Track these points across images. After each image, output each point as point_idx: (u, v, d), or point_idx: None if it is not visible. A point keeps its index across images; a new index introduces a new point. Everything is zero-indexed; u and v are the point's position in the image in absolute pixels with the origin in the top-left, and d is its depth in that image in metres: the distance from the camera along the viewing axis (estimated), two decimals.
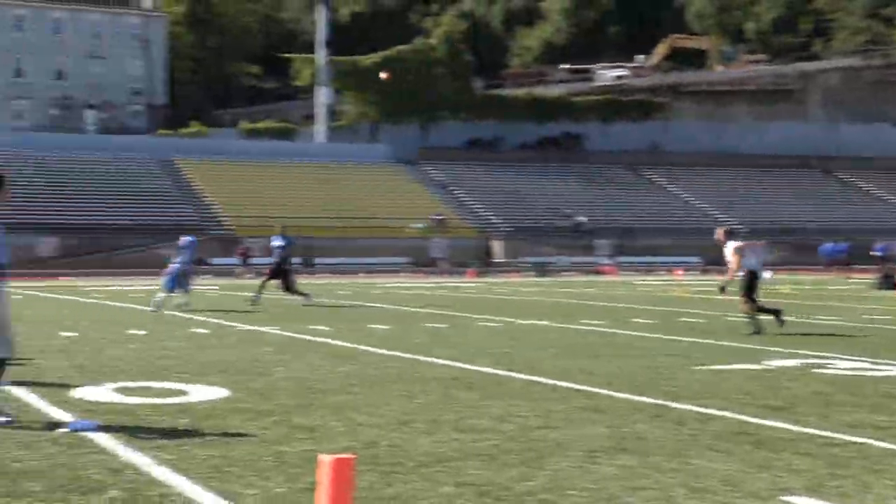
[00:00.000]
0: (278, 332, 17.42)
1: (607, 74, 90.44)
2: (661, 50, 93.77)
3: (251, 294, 25.35)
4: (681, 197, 72.25)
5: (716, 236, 18.25)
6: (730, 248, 17.57)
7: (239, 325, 18.86)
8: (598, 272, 54.78)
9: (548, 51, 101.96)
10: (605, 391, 10.58)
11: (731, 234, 18.10)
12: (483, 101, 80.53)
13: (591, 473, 6.90)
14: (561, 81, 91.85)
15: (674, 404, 9.76)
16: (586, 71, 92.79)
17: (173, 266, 23.69)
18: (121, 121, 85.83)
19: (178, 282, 23.49)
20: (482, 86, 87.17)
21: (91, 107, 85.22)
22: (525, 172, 72.23)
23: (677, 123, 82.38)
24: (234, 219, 57.32)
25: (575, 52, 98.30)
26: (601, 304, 26.34)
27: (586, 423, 8.72)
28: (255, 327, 18.27)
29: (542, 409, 9.40)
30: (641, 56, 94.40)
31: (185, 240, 24.39)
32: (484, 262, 54.79)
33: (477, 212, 65.93)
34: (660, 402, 9.90)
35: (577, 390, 10.65)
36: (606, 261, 58.48)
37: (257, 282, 26.77)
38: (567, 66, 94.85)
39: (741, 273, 17.54)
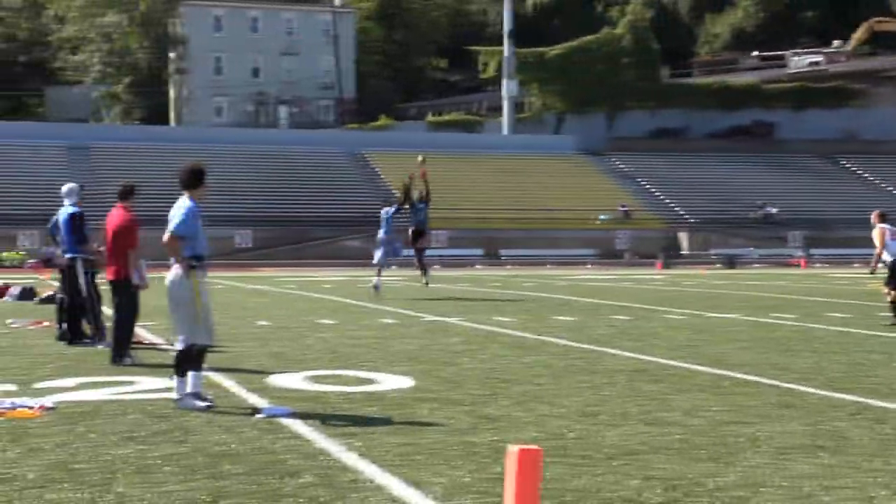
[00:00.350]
0: (464, 322, 17.58)
1: (800, 61, 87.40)
2: (859, 34, 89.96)
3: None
4: (880, 186, 69.26)
5: (872, 219, 18.16)
6: (876, 231, 17.42)
7: (425, 315, 19.12)
8: (789, 264, 53.18)
9: (737, 37, 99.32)
10: (799, 387, 10.25)
11: (883, 218, 17.84)
12: (670, 89, 79.13)
13: (785, 471, 6.70)
14: (751, 69, 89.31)
15: (874, 402, 9.38)
16: (779, 58, 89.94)
17: (380, 237, 24.51)
18: (311, 115, 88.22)
19: (386, 252, 24.36)
20: (669, 74, 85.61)
21: (284, 102, 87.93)
22: (713, 162, 70.64)
23: (876, 110, 78.95)
24: None
25: (766, 39, 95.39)
26: (793, 297, 25.53)
27: (780, 420, 8.47)
28: (441, 318, 18.48)
29: (733, 404, 9.19)
30: (837, 41, 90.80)
31: (386, 210, 25.01)
32: (670, 254, 53.90)
33: (664, 203, 64.90)
34: (859, 399, 9.53)
35: (770, 385, 10.36)
36: (798, 253, 56.69)
37: (435, 273, 27.14)
38: (758, 53, 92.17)
39: (886, 259, 17.49)
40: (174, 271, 8.99)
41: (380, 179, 63.08)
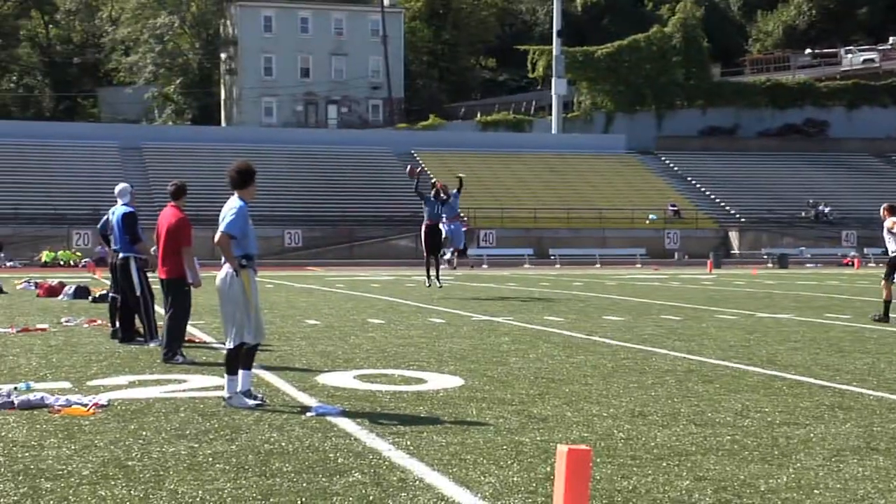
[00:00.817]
0: (513, 322, 17.55)
1: (854, 58, 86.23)
2: None
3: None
4: None
5: (882, 213, 17.77)
6: (888, 224, 17.14)
7: (474, 314, 19.11)
8: (842, 264, 52.54)
9: (789, 35, 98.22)
10: (853, 388, 10.12)
11: (893, 211, 17.44)
12: (720, 88, 78.44)
13: (838, 473, 6.61)
14: (803, 66, 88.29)
15: None
16: (832, 55, 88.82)
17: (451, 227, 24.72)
18: (360, 115, 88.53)
19: (450, 237, 24.56)
20: (720, 72, 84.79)
21: (333, 102, 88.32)
22: (765, 161, 69.95)
23: None
24: (466, 210, 58.06)
25: (819, 37, 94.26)
26: (845, 297, 25.22)
27: (833, 421, 8.37)
28: (490, 317, 18.46)
29: (785, 405, 9.09)
30: (893, 38, 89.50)
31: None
32: (721, 254, 53.48)
33: (714, 202, 64.39)
34: None
35: (822, 386, 10.23)
36: (851, 252, 55.98)
37: (483, 272, 27.10)
38: (810, 51, 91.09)
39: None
40: (224, 270, 9.06)
41: (429, 179, 63.13)
